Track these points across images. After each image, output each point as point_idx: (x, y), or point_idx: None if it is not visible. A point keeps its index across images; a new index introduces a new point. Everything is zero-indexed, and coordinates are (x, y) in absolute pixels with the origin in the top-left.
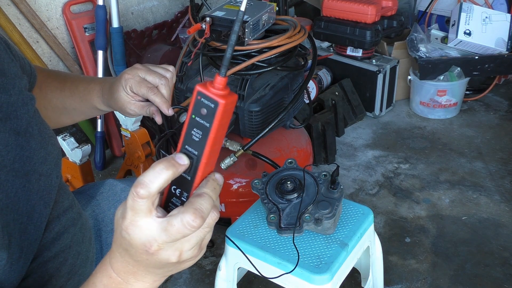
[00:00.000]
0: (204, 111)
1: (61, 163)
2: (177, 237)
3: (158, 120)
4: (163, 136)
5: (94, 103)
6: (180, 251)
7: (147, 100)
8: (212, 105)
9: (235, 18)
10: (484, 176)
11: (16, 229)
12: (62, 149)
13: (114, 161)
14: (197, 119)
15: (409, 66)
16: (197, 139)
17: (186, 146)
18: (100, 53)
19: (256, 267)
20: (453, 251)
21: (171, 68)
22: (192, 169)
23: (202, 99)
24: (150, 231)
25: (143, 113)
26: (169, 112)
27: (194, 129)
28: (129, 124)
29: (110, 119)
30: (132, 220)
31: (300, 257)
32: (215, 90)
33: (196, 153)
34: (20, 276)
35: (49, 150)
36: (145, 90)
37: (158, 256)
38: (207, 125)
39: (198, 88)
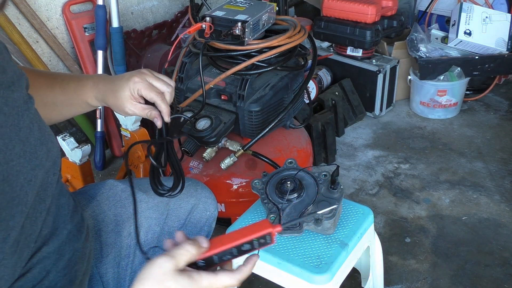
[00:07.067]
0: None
1: (59, 161)
2: None
3: (159, 124)
4: (161, 146)
5: (86, 98)
6: None
7: (147, 103)
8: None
9: (235, 17)
10: (484, 176)
11: (20, 222)
12: (62, 149)
13: (114, 161)
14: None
15: (409, 66)
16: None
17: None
18: (100, 53)
19: (256, 268)
20: (453, 251)
21: (172, 83)
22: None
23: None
24: None
25: (142, 115)
26: (168, 119)
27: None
28: (129, 124)
29: (110, 119)
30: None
31: (300, 257)
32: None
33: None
34: (13, 270)
35: (49, 147)
36: (154, 95)
37: None
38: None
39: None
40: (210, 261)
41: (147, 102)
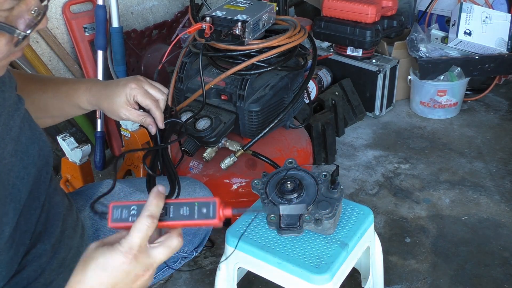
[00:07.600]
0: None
1: (51, 161)
2: None
3: (153, 131)
4: (156, 153)
5: (78, 101)
6: None
7: (141, 109)
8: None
9: (235, 17)
10: (484, 176)
11: (14, 219)
12: (62, 149)
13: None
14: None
15: (409, 66)
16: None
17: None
18: (100, 53)
19: (256, 268)
20: (453, 251)
21: (166, 90)
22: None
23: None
24: None
25: (137, 121)
26: (162, 126)
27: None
28: (129, 124)
29: (110, 119)
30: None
31: (300, 257)
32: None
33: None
34: (9, 267)
35: (41, 145)
36: (149, 102)
37: None
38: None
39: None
40: None
41: (140, 108)
